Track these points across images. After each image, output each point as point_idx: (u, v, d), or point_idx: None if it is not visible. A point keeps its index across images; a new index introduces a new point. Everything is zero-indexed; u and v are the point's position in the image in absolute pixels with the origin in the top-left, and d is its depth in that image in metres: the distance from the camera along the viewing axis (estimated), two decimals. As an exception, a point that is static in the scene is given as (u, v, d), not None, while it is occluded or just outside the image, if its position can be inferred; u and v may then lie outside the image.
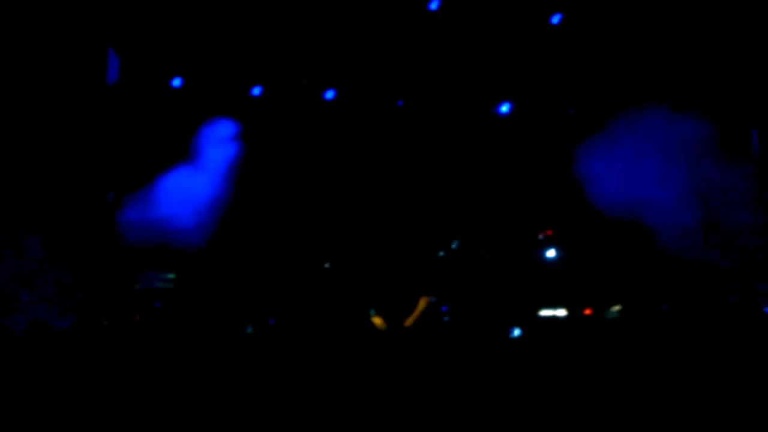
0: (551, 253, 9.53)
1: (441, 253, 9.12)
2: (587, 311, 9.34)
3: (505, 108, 9.52)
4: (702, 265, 9.09)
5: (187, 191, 9.24)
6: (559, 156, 9.45)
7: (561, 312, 9.23)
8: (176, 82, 9.56)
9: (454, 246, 9.12)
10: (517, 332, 8.01)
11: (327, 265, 8.96)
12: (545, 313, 9.17)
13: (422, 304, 7.65)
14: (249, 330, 8.12)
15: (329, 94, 9.61)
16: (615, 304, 9.32)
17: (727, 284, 9.01)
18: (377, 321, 7.72)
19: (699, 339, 8.09)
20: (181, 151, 9.38)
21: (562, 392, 7.13)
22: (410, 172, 9.52)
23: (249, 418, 6.24)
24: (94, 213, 9.13)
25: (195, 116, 9.45)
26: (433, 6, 9.24)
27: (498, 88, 9.64)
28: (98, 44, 9.34)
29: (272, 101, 9.67)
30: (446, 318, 8.42)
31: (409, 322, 7.66)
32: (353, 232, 9.19)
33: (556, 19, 9.25)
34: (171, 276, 9.12)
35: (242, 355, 6.99)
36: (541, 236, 9.55)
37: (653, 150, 9.00)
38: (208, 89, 9.58)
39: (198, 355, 6.70)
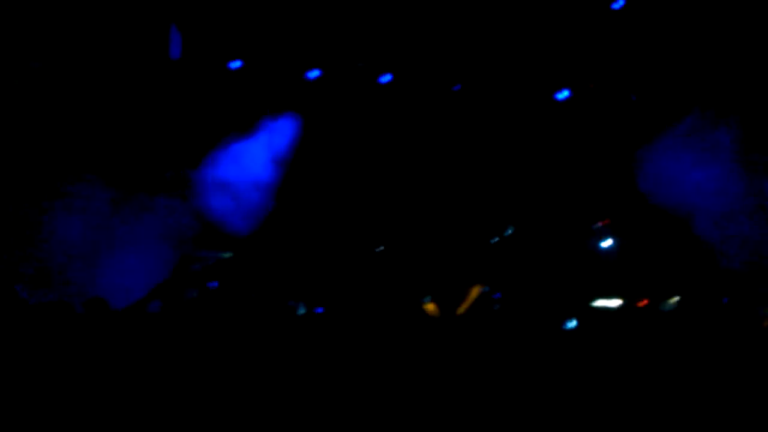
0: (607, 242, 9.41)
1: (495, 240, 9.06)
2: (643, 302, 9.23)
3: (564, 94, 9.40)
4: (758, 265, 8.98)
5: (239, 175, 9.29)
6: (618, 145, 9.33)
7: (616, 302, 9.13)
8: (235, 63, 9.59)
9: (508, 233, 9.05)
10: (572, 324, 7.92)
11: (380, 249, 8.95)
12: (600, 303, 9.08)
13: (475, 292, 7.61)
14: (301, 311, 8.15)
15: (385, 78, 9.59)
16: (672, 295, 9.19)
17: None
18: (430, 307, 7.71)
19: (758, 335, 7.95)
20: (237, 133, 9.43)
21: (616, 384, 7.05)
22: (466, 156, 9.46)
23: (297, 398, 6.28)
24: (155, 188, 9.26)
25: (252, 98, 9.49)
26: None
27: (558, 74, 9.52)
28: (161, 20, 9.44)
29: (328, 85, 9.66)
30: (497, 306, 8.37)
31: (461, 309, 7.63)
32: (407, 217, 9.16)
33: (618, 4, 9.10)
34: (228, 255, 9.20)
35: (294, 337, 7.03)
36: (597, 225, 9.45)
37: (715, 152, 8.86)
38: (266, 72, 9.60)
39: (251, 336, 6.76)
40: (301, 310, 8.15)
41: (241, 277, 8.91)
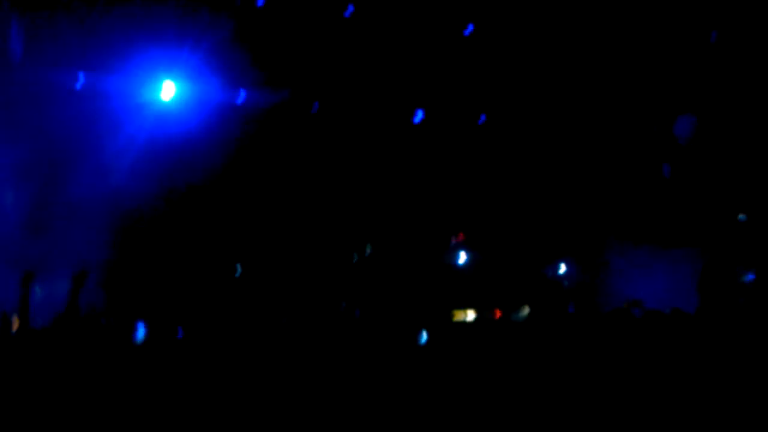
0: (463, 256, 9.69)
1: (355, 258, 9.17)
2: (497, 313, 9.52)
3: (419, 115, 9.62)
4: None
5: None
6: (474, 162, 9.64)
7: (471, 314, 9.39)
8: (78, 82, 9.18)
9: (368, 251, 9.17)
10: (425, 337, 8.10)
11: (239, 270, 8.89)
12: (456, 314, 9.32)
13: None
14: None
15: (240, 98, 9.52)
16: (523, 306, 9.54)
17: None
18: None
19: (605, 340, 8.32)
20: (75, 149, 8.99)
21: (470, 394, 7.25)
22: (325, 176, 9.51)
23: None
24: None
25: (95, 113, 9.07)
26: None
27: (413, 95, 9.73)
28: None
29: (182, 103, 9.46)
30: (357, 318, 8.47)
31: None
32: (266, 237, 9.12)
33: (468, 31, 9.43)
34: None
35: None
36: (453, 240, 9.70)
37: None
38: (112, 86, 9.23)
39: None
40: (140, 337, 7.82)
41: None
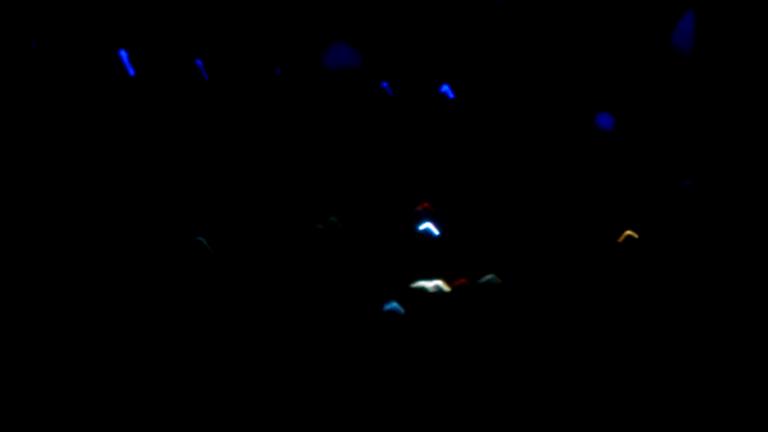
0: (427, 225, 9.67)
1: (319, 226, 9.12)
2: (460, 281, 9.56)
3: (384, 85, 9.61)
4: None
5: None
6: (440, 131, 9.63)
7: (435, 283, 9.40)
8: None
9: (332, 219, 9.14)
10: (390, 305, 8.08)
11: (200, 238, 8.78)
12: (419, 284, 9.32)
13: None
14: None
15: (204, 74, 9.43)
16: (488, 273, 9.57)
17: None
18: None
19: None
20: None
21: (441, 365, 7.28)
22: (283, 144, 9.47)
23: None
24: None
25: None
26: None
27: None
28: None
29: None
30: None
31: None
32: (225, 203, 9.04)
33: None
34: None
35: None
36: (418, 209, 9.70)
37: None
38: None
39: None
40: None
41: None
